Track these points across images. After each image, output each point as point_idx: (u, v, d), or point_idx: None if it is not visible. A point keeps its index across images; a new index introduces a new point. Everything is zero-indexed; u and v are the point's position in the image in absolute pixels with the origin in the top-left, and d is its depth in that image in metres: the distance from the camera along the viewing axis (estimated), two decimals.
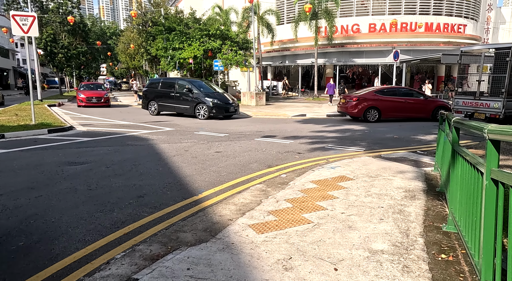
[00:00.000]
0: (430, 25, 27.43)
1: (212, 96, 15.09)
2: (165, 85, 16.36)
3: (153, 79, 19.08)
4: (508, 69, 10.07)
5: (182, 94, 15.45)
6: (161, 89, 16.26)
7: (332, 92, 22.73)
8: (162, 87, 16.32)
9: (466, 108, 11.46)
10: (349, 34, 28.20)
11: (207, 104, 14.72)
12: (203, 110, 14.87)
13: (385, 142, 9.54)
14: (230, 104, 15.19)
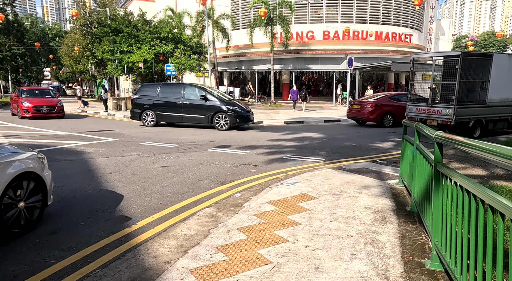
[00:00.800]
0: (380, 34, 28.48)
1: (232, 104, 13.44)
2: (167, 91, 13.92)
3: (146, 84, 15.24)
4: (458, 77, 10.25)
5: (193, 102, 13.39)
6: (162, 96, 13.81)
7: (296, 98, 22.78)
8: (162, 94, 13.86)
9: (419, 115, 11.56)
10: (304, 41, 28.40)
11: (228, 113, 12.98)
12: (224, 120, 13.05)
13: (344, 150, 9.18)
14: (249, 112, 13.67)
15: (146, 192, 5.26)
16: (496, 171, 6.69)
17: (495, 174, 6.44)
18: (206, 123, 13.31)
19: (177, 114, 13.61)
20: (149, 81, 22.50)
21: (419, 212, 3.73)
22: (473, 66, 10.78)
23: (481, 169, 6.69)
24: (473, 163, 7.18)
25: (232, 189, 5.50)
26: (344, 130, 13.42)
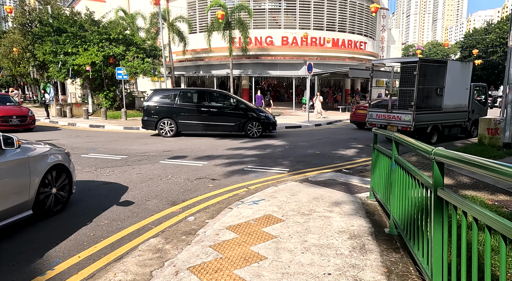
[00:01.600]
0: (336, 41, 29.02)
1: (260, 110, 12.95)
2: (189, 98, 12.80)
3: (160, 90, 13.60)
4: (416, 83, 10.29)
5: (222, 109, 12.57)
6: (182, 103, 12.51)
7: (260, 103, 22.56)
8: (183, 101, 12.58)
9: (379, 121, 11.50)
10: (263, 46, 28.15)
11: (261, 120, 12.45)
12: (257, 128, 12.48)
13: (308, 159, 8.72)
14: (275, 119, 13.24)
15: (75, 219, 4.30)
16: (461, 178, 6.53)
17: (461, 183, 6.27)
18: (237, 131, 12.61)
19: (202, 123, 12.44)
20: (98, 85, 20.83)
21: (403, 236, 3.22)
22: (429, 73, 10.92)
23: (446, 178, 6.49)
24: None
25: (185, 210, 4.71)
26: (306, 137, 13.08)
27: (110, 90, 20.74)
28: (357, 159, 8.83)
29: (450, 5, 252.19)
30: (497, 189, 5.73)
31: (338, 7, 29.34)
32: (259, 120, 12.50)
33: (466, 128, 12.16)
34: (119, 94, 21.41)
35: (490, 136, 9.15)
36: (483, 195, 5.38)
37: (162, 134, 12.48)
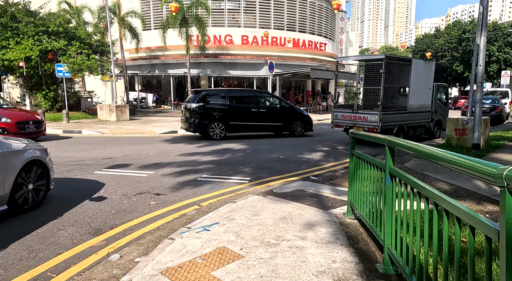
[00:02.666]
0: (297, 41, 28.66)
1: (301, 110, 13.51)
2: (237, 99, 12.47)
3: (208, 90, 13.27)
4: (382, 82, 9.77)
5: (269, 110, 12.64)
6: (232, 104, 12.09)
7: None
8: (231, 102, 12.12)
9: (345, 122, 10.89)
10: (222, 45, 27.03)
11: (305, 120, 12.93)
12: (300, 127, 12.85)
13: (271, 164, 7.76)
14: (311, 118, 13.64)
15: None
16: (439, 185, 5.91)
17: (441, 190, 5.62)
18: (284, 131, 12.82)
19: (251, 123, 12.31)
20: (36, 84, 18.48)
21: (406, 279, 2.31)
22: (395, 71, 10.49)
23: None
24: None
25: (111, 242, 3.50)
26: (269, 139, 12.16)
27: (50, 90, 18.48)
28: (324, 164, 8.03)
29: (400, 13, 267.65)
30: (481, 197, 5.12)
31: (298, 7, 29.03)
32: (302, 120, 12.88)
33: (429, 129, 11.94)
34: (61, 94, 19.19)
35: (458, 137, 8.81)
36: (469, 205, 4.72)
37: (212, 137, 11.79)
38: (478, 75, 8.04)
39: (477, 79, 8.09)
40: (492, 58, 36.45)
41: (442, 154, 1.85)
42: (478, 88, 8.05)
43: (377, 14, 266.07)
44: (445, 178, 6.15)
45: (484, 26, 7.82)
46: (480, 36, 7.85)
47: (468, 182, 5.86)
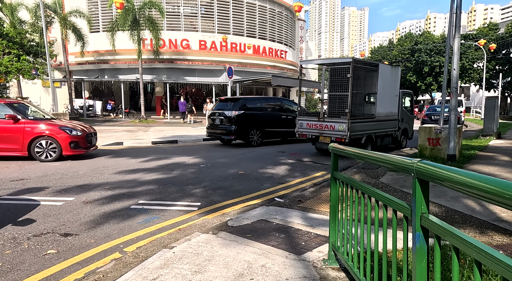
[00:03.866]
0: (257, 48, 27.87)
1: None
2: (269, 106, 13.08)
3: (247, 98, 13.14)
4: (350, 87, 8.95)
5: (289, 116, 12.83)
6: (266, 112, 12.69)
7: (184, 109, 21.71)
8: (265, 110, 12.75)
9: (310, 131, 9.93)
10: (178, 50, 25.49)
11: None
12: None
13: (228, 183, 6.49)
14: None
15: None
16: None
17: (432, 213, 4.68)
18: None
19: (281, 130, 12.79)
20: None
21: None
22: (362, 76, 9.77)
23: None
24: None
25: None
26: (227, 151, 10.88)
27: None
28: (290, 180, 6.91)
29: (354, 26, 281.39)
30: (480, 223, 4.22)
31: (258, 13, 28.34)
32: None
33: (396, 138, 11.36)
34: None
35: (432, 148, 8.15)
36: (473, 234, 3.78)
37: (251, 143, 12.08)
38: (453, 79, 7.42)
39: (451, 84, 7.46)
40: (442, 69, 38.20)
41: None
42: (452, 94, 7.42)
43: (333, 27, 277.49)
44: (434, 197, 5.26)
45: (457, 27, 7.23)
46: (454, 38, 7.24)
47: (456, 201, 5.00)
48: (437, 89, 40.50)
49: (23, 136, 8.14)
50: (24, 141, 8.13)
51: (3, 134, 8.06)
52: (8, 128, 8.09)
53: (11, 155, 8.22)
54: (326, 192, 5.80)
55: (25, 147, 8.15)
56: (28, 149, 8.18)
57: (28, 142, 8.14)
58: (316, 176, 7.43)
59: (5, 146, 8.09)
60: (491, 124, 12.31)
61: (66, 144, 8.39)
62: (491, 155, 8.62)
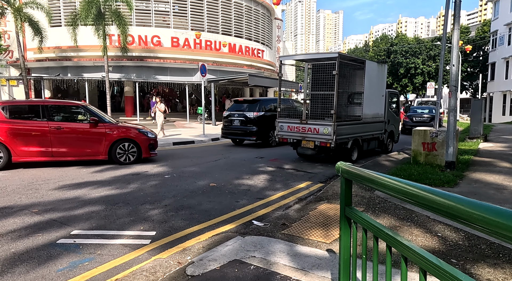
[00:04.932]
0: (233, 47, 26.70)
1: None
2: (284, 108, 11.66)
3: (262, 100, 12.67)
4: (336, 86, 7.98)
5: None
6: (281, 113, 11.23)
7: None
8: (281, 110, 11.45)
9: (292, 135, 8.89)
10: (149, 47, 23.89)
11: None
12: None
13: (196, 200, 5.31)
14: None
15: None
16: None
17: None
18: None
19: None
20: None
21: None
22: (348, 74, 8.84)
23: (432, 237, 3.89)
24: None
25: None
26: (199, 157, 9.65)
27: None
28: (271, 194, 5.82)
29: (329, 29, 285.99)
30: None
31: (233, 10, 27.19)
32: None
33: (382, 142, 10.55)
34: None
35: (427, 153, 7.31)
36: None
37: (271, 144, 12.18)
38: (452, 77, 6.59)
39: (450, 81, 6.62)
40: (418, 71, 38.57)
41: None
42: (452, 93, 6.58)
43: (309, 29, 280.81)
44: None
45: (457, 17, 6.40)
46: (453, 29, 6.41)
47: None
48: (412, 90, 40.87)
49: (105, 139, 7.94)
50: (105, 144, 7.93)
51: (86, 138, 7.82)
52: (90, 131, 7.83)
53: (93, 159, 7.94)
54: (314, 210, 4.75)
55: (106, 150, 7.95)
56: (109, 152, 7.99)
57: (110, 145, 7.95)
58: (300, 187, 6.38)
59: (88, 150, 7.84)
60: (478, 126, 11.78)
61: (145, 146, 8.37)
62: (488, 161, 7.90)
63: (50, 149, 7.48)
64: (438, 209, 1.15)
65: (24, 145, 7.32)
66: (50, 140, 7.45)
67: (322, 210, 4.82)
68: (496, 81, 33.63)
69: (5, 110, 7.37)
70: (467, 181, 6.07)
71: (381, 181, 1.55)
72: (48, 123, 7.50)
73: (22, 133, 7.32)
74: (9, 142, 7.18)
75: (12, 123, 7.32)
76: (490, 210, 0.94)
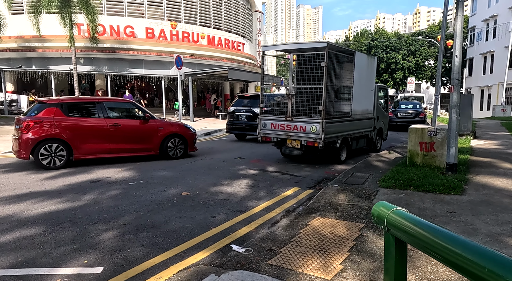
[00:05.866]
0: (212, 39, 25.54)
1: None
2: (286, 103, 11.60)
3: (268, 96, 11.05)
4: (325, 79, 7.17)
5: None
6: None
7: None
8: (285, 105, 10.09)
9: (276, 133, 8.04)
10: (122, 38, 22.39)
11: None
12: None
13: (162, 215, 4.37)
14: None
15: None
16: None
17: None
18: None
19: None
20: None
21: None
22: (337, 66, 8.05)
23: None
24: None
25: None
26: (171, 160, 8.64)
27: None
28: (253, 205, 4.96)
29: (309, 24, 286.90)
30: None
31: (212, 0, 25.96)
32: None
33: (372, 140, 9.87)
34: None
35: (424, 154, 6.64)
36: None
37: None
38: (454, 68, 5.89)
39: (452, 74, 5.93)
40: (398, 66, 38.56)
41: None
42: (454, 87, 5.89)
43: (289, 24, 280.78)
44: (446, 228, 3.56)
45: (461, 2, 5.68)
46: (457, 15, 5.69)
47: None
48: (392, 86, 40.92)
49: (157, 135, 8.15)
50: (158, 140, 8.15)
51: (141, 134, 7.98)
52: (145, 127, 8.04)
53: (146, 154, 8.12)
54: (306, 227, 3.93)
55: (158, 146, 8.19)
56: (160, 147, 8.22)
57: (161, 140, 8.17)
58: (287, 195, 5.55)
59: (142, 146, 8.01)
60: (467, 122, 11.33)
61: (191, 141, 8.63)
62: (488, 161, 7.33)
63: (108, 146, 7.54)
64: None
65: (85, 143, 7.26)
66: (109, 137, 7.50)
67: (316, 226, 4.00)
68: (474, 76, 34.04)
69: (63, 107, 7.18)
70: (474, 186, 5.41)
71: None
72: (106, 120, 7.53)
73: (83, 131, 7.26)
74: (71, 140, 7.07)
75: (72, 121, 7.19)
76: None
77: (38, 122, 6.81)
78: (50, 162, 6.90)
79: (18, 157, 6.84)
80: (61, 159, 7.04)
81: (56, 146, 6.94)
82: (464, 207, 4.44)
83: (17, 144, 6.78)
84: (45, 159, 6.87)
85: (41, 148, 6.79)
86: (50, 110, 7.01)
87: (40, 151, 6.79)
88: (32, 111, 7.13)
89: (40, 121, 6.83)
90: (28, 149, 6.70)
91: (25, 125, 6.75)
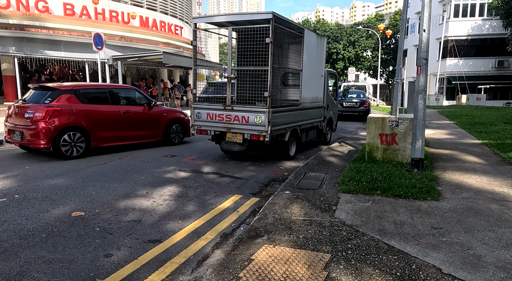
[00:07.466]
0: (145, 20, 22.96)
1: None
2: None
3: None
4: (270, 59, 5.86)
5: None
6: None
7: None
8: None
9: (213, 125, 6.58)
10: (33, 13, 18.93)
11: None
12: None
13: (21, 259, 2.74)
14: None
15: None
16: None
17: None
18: None
19: None
20: None
21: None
22: (285, 46, 6.78)
23: None
24: None
25: None
26: (84, 158, 6.73)
27: None
28: (175, 229, 3.52)
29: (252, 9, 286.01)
30: None
31: None
32: None
33: (322, 131, 8.88)
34: None
35: (385, 148, 5.71)
36: None
37: None
38: (421, 46, 4.95)
39: (419, 52, 4.97)
40: (339, 56, 39.06)
41: None
42: (421, 67, 4.95)
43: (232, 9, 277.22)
44: (440, 256, 2.47)
45: None
46: None
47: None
48: None
49: (162, 121, 8.17)
50: (162, 126, 8.18)
51: (149, 120, 7.95)
52: (152, 114, 8.01)
53: (153, 140, 8.07)
54: (249, 265, 2.61)
55: (161, 132, 8.20)
56: (164, 133, 8.26)
57: (165, 126, 8.21)
58: (224, 208, 4.18)
59: (150, 132, 7.98)
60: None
61: (188, 127, 8.57)
62: (448, 154, 6.69)
63: (121, 133, 7.45)
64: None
65: (101, 130, 7.09)
66: (122, 124, 7.42)
67: (262, 263, 2.69)
68: (407, 68, 35.62)
69: (77, 94, 6.93)
70: (448, 187, 4.53)
71: None
72: (118, 107, 7.43)
73: (100, 118, 7.07)
74: (90, 128, 6.88)
75: (89, 108, 6.96)
76: None
77: (57, 110, 6.50)
78: (68, 151, 6.63)
79: (34, 147, 6.50)
80: (78, 150, 6.78)
81: (78, 135, 6.73)
82: (449, 220, 3.46)
83: (33, 133, 6.35)
84: (65, 147, 6.61)
85: (62, 137, 6.51)
86: (65, 97, 6.72)
87: (61, 141, 6.51)
88: (45, 98, 6.61)
89: (59, 109, 6.51)
90: (50, 138, 6.38)
91: (44, 113, 6.36)
